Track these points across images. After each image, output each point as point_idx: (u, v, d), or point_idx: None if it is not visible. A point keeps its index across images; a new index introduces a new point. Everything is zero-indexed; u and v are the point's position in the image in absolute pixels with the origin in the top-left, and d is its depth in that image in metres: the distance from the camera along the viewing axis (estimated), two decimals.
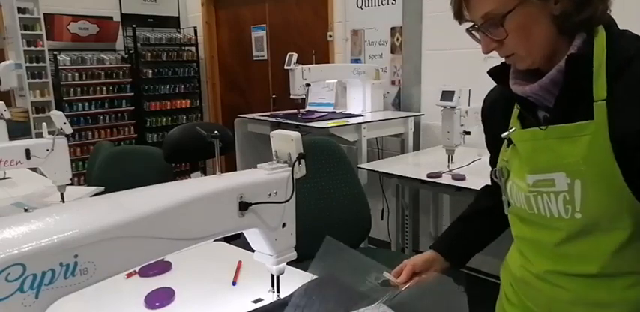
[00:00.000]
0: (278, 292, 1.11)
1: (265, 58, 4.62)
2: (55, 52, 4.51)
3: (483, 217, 1.17)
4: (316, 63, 3.68)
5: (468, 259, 1.18)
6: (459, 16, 0.89)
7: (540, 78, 0.87)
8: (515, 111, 0.96)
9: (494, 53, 0.90)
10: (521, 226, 0.98)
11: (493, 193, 1.11)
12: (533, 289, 0.97)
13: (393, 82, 3.48)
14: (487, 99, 1.10)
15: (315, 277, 1.22)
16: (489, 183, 1.15)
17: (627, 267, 0.84)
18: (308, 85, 3.07)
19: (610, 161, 0.79)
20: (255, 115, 3.37)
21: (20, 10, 4.29)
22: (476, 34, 0.89)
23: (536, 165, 0.89)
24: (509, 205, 1.00)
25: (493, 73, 0.98)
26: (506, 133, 0.95)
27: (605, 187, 0.81)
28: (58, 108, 4.45)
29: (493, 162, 1.07)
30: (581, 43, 0.83)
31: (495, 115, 1.03)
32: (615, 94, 0.79)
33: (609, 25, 0.84)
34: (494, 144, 1.06)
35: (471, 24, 0.89)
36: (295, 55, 3.02)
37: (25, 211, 1.76)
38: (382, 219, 3.33)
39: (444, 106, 2.27)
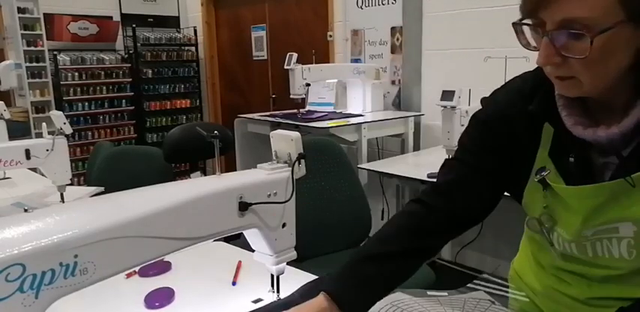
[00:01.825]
0: (278, 292, 1.11)
1: (265, 57, 4.62)
2: (54, 52, 4.51)
3: (398, 261, 0.90)
4: (316, 63, 3.67)
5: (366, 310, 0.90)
6: (533, 10, 0.70)
7: (595, 117, 0.76)
8: (546, 144, 0.83)
9: (494, 53, 0.83)
10: (562, 261, 0.91)
11: (418, 229, 0.92)
12: (567, 308, 0.93)
13: (393, 82, 3.48)
14: (489, 109, 0.93)
15: (315, 277, 1.22)
16: (414, 206, 0.94)
17: None
18: (308, 84, 3.07)
19: None
20: (255, 115, 3.37)
21: (20, 10, 4.29)
22: (529, 36, 0.74)
23: (597, 219, 0.80)
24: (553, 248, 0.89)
25: (538, 110, 0.82)
26: (541, 176, 0.82)
27: None
28: (58, 108, 4.45)
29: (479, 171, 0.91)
30: None
31: (506, 131, 0.88)
32: None
33: None
34: (485, 155, 0.91)
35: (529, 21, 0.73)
36: (295, 55, 3.02)
37: (25, 211, 1.75)
38: (382, 219, 3.33)
39: (445, 106, 2.26)
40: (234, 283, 1.24)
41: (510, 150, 0.88)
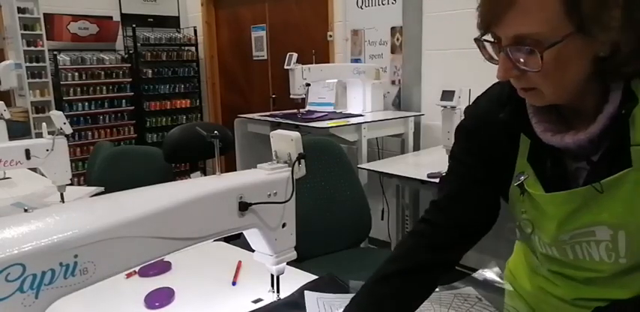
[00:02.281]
0: (278, 292, 1.11)
1: (265, 57, 4.62)
2: (54, 52, 4.51)
3: (419, 276, 0.90)
4: (316, 63, 3.67)
5: None
6: (486, 27, 0.73)
7: (567, 123, 0.77)
8: (524, 150, 0.84)
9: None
10: (547, 263, 0.92)
11: (428, 246, 0.91)
12: (554, 307, 0.93)
13: (393, 82, 3.48)
14: (472, 118, 0.93)
15: (315, 277, 1.22)
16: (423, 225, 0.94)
17: None
18: (308, 84, 3.07)
19: None
20: (255, 115, 3.37)
21: (20, 10, 4.29)
22: (490, 51, 0.75)
23: (573, 224, 0.81)
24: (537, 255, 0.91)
25: (509, 118, 0.83)
26: (520, 182, 0.83)
27: None
28: (58, 108, 4.45)
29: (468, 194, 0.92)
30: (621, 94, 0.72)
31: (488, 139, 0.89)
32: None
33: None
34: (475, 164, 0.91)
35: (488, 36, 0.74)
36: (295, 55, 3.02)
37: (25, 211, 1.75)
38: (382, 219, 3.32)
39: (445, 106, 2.27)
40: (234, 283, 1.24)
41: (494, 156, 0.88)
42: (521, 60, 0.70)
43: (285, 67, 3.03)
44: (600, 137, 0.75)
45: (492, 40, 0.73)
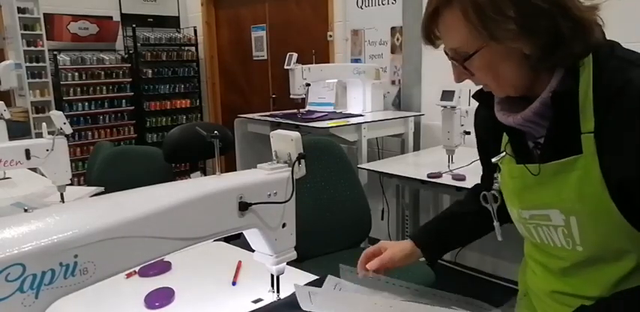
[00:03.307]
0: (278, 292, 1.11)
1: (265, 57, 4.62)
2: (54, 52, 4.50)
3: (470, 219, 1.12)
4: (316, 63, 3.67)
5: (442, 256, 1.17)
6: (430, 42, 0.86)
7: (526, 106, 0.84)
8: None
9: None
10: (531, 248, 0.97)
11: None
12: (544, 303, 0.96)
13: (393, 82, 3.48)
14: (478, 111, 1.06)
15: (315, 277, 1.22)
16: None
17: None
18: (308, 84, 3.07)
19: (604, 197, 0.76)
20: (255, 115, 3.37)
21: (20, 10, 4.29)
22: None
23: (528, 202, 0.87)
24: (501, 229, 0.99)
25: (478, 96, 0.95)
26: (497, 159, 0.94)
27: (602, 222, 0.78)
28: (58, 108, 4.45)
29: (487, 177, 1.05)
30: (560, 79, 0.80)
31: (487, 130, 1.00)
32: (604, 127, 0.76)
33: (597, 53, 0.78)
34: (485, 154, 1.03)
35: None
36: (295, 55, 3.02)
37: (25, 211, 1.75)
38: (382, 219, 3.32)
39: (444, 106, 2.27)
40: (234, 283, 1.24)
41: (494, 138, 0.97)
42: (463, 66, 0.83)
43: (285, 67, 3.03)
44: (543, 121, 0.83)
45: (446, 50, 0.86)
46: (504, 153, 0.92)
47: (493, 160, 0.94)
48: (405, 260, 1.08)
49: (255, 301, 1.14)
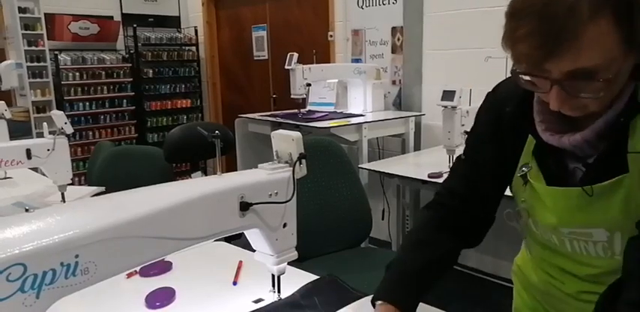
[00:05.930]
0: (279, 292, 1.11)
1: (266, 57, 4.62)
2: (55, 52, 4.51)
3: (446, 263, 0.98)
4: (317, 63, 3.67)
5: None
6: (536, 63, 0.70)
7: (572, 125, 0.78)
8: (531, 143, 0.87)
9: (495, 53, 0.84)
10: (550, 254, 0.94)
11: (449, 228, 0.98)
12: (562, 303, 0.95)
13: (393, 82, 3.48)
14: (492, 100, 0.95)
15: (316, 277, 1.22)
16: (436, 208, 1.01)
17: None
18: (309, 84, 3.07)
19: None
20: (256, 115, 3.37)
21: (21, 10, 4.29)
22: (535, 82, 0.74)
23: (571, 221, 0.83)
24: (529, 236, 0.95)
25: (516, 107, 0.85)
26: (523, 173, 0.87)
27: None
28: (59, 108, 4.46)
29: (469, 178, 0.97)
30: (630, 96, 0.74)
31: (498, 128, 0.92)
32: None
33: None
34: (489, 155, 0.94)
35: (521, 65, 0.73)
36: (296, 55, 3.02)
37: (26, 210, 1.76)
38: (383, 219, 3.32)
39: (445, 106, 2.26)
40: (235, 283, 1.24)
41: (505, 145, 0.91)
42: (579, 90, 0.70)
43: (286, 67, 3.03)
44: (598, 141, 0.77)
45: (542, 74, 0.71)
46: (530, 167, 0.86)
47: (518, 174, 0.88)
48: None
49: (256, 301, 1.13)
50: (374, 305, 0.91)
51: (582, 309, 0.90)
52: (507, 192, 0.99)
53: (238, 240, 1.22)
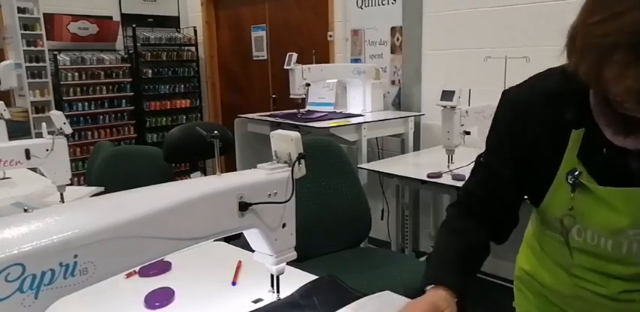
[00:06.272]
0: (278, 292, 1.11)
1: (265, 57, 4.62)
2: (54, 52, 4.51)
3: (484, 249, 0.99)
4: (316, 63, 3.67)
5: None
6: (599, 85, 0.70)
7: (636, 123, 0.77)
8: (573, 146, 0.84)
9: (495, 53, 0.83)
10: (588, 259, 0.92)
11: (480, 214, 0.99)
12: (594, 305, 0.94)
13: (393, 82, 3.48)
14: (510, 108, 0.92)
15: (315, 277, 1.22)
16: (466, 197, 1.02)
17: None
18: (308, 84, 3.07)
19: None
20: (255, 115, 3.37)
21: (20, 10, 4.29)
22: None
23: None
24: (569, 246, 0.92)
25: (576, 119, 0.83)
26: (574, 177, 0.84)
27: None
28: (58, 108, 4.45)
29: (503, 183, 0.95)
30: None
31: (524, 132, 0.89)
32: None
33: None
34: (516, 156, 0.91)
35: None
36: (295, 55, 3.02)
37: (25, 211, 1.76)
38: (382, 219, 3.33)
39: (444, 106, 2.27)
40: (234, 283, 1.24)
41: (529, 151, 0.89)
42: None
43: (285, 67, 3.04)
44: None
45: None
46: (579, 172, 0.84)
47: (569, 179, 0.85)
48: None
49: (255, 301, 1.13)
50: (424, 292, 0.90)
51: (617, 309, 0.91)
52: None
53: (237, 240, 1.21)
